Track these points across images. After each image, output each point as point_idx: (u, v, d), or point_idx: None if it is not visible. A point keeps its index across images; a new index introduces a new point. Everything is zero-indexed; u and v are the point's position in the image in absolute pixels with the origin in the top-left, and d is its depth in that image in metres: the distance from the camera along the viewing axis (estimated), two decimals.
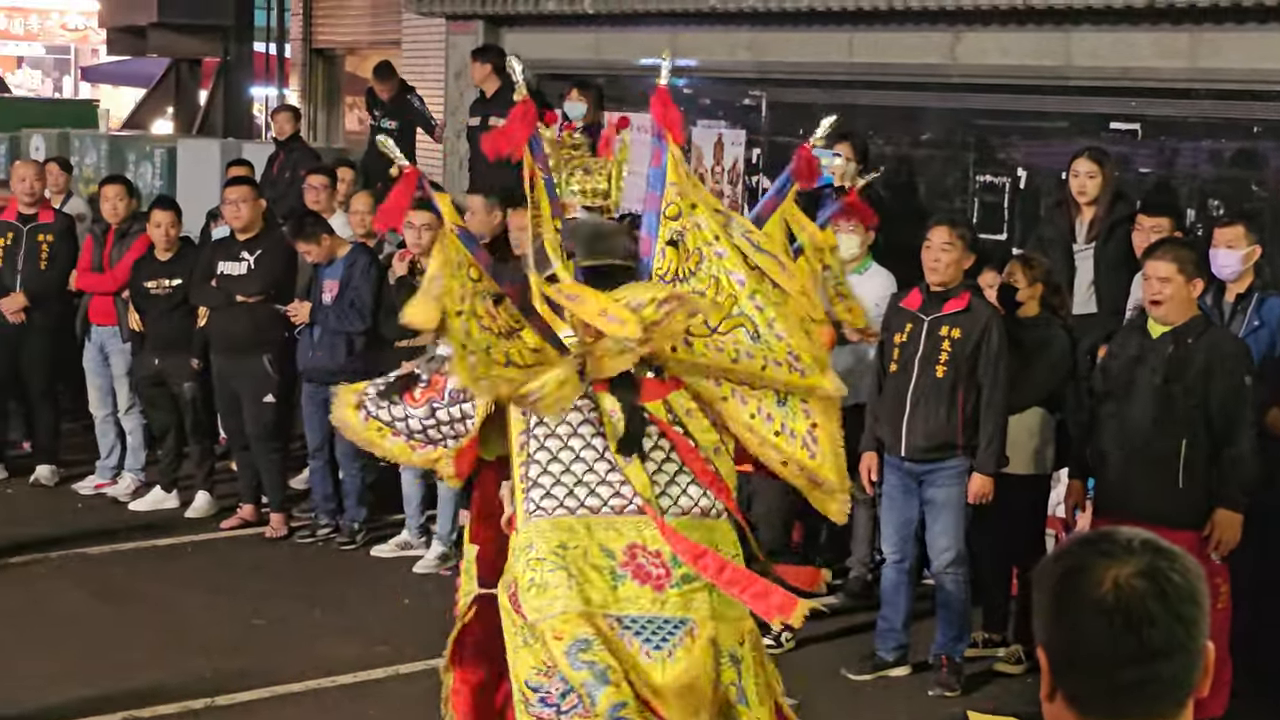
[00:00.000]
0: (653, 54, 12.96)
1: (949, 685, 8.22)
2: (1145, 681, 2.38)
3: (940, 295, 8.16)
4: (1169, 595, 2.36)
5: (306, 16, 20.96)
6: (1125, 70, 10.05)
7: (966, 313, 8.08)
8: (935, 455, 8.16)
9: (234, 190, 10.81)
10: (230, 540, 10.74)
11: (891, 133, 11.66)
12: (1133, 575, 2.36)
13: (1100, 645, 2.37)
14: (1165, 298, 7.40)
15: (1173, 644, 2.37)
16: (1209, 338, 7.43)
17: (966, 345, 8.07)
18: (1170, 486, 7.35)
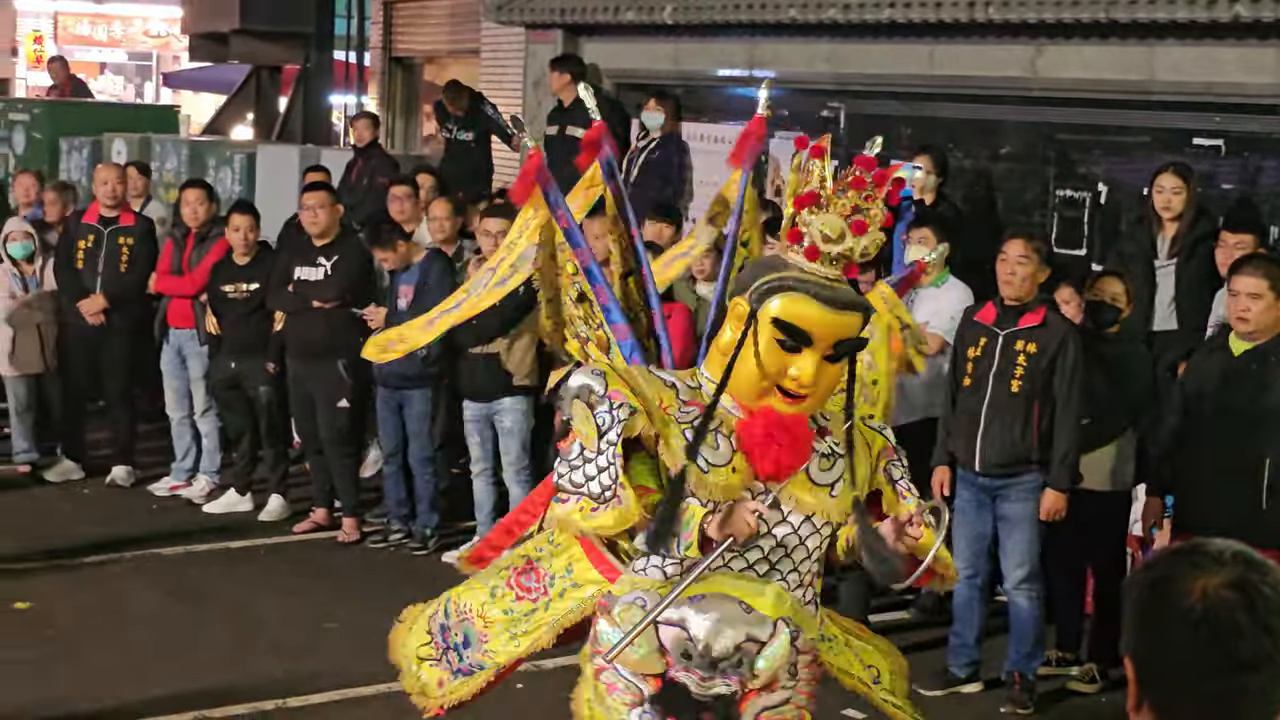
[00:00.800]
0: (731, 65, 12.98)
1: (1021, 703, 8.15)
2: (1231, 694, 2.34)
3: (1016, 310, 8.10)
4: (1258, 607, 2.33)
5: (386, 25, 21.04)
6: (1209, 85, 9.96)
7: (1042, 327, 8.02)
8: (1009, 470, 8.11)
9: (312, 196, 10.86)
10: (303, 544, 10.78)
11: (971, 146, 11.59)
12: (1221, 586, 2.33)
13: (1186, 656, 2.34)
14: (1253, 314, 7.31)
15: (1260, 656, 2.32)
16: None
17: (1042, 360, 8.00)
18: (1254, 505, 7.28)
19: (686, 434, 4.47)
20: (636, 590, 4.64)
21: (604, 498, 4.40)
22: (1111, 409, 8.34)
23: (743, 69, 13.00)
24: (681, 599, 4.51)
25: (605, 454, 4.40)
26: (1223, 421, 7.39)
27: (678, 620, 4.57)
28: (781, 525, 4.58)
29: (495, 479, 10.34)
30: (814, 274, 4.39)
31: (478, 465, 10.35)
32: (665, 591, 4.51)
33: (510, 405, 10.07)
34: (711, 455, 4.46)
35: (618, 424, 4.41)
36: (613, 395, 4.45)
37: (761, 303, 4.39)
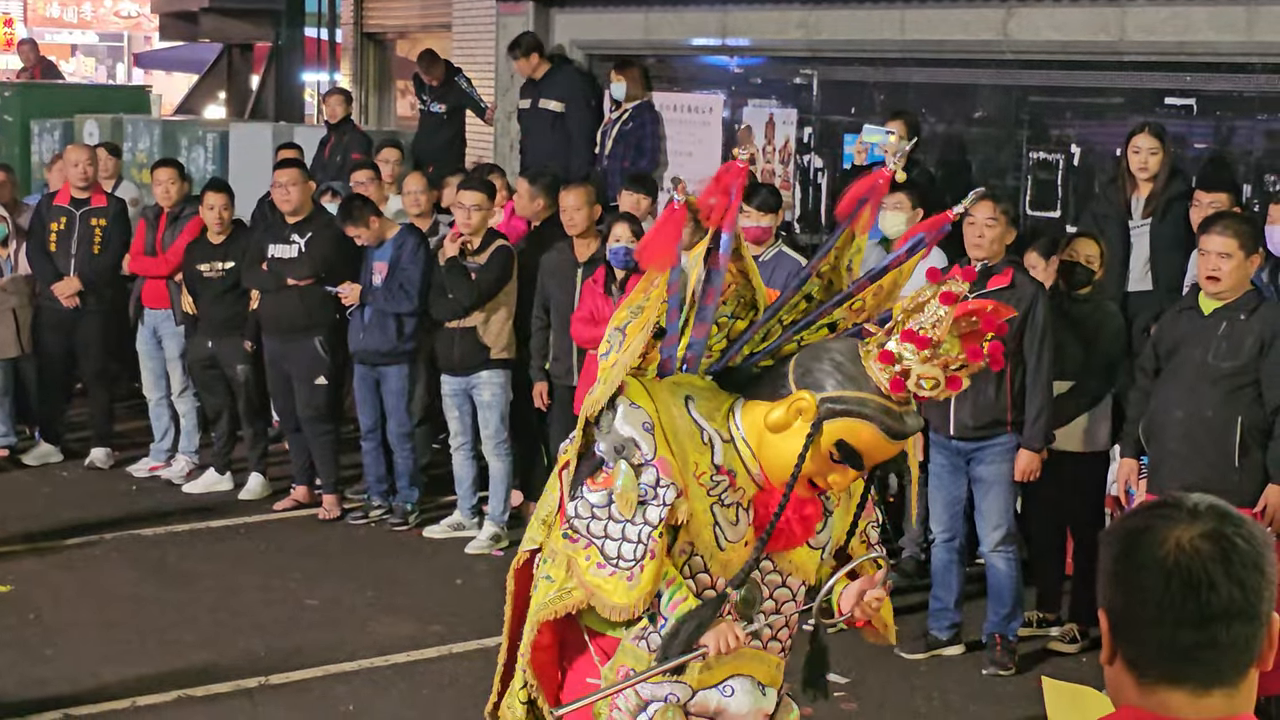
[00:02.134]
0: (704, 34, 12.95)
1: (1003, 664, 8.18)
2: (1203, 645, 2.34)
3: (983, 272, 8.08)
4: (1232, 560, 2.32)
5: (358, 1, 20.97)
6: (1181, 45, 9.94)
7: (1010, 289, 8.00)
8: (983, 433, 8.12)
9: (283, 173, 10.82)
10: (283, 522, 10.77)
11: (944, 110, 11.58)
12: (1196, 538, 2.33)
13: (1159, 607, 2.34)
14: (1224, 273, 7.31)
15: (1232, 609, 2.32)
16: (1262, 313, 7.34)
17: (1012, 322, 7.98)
18: (1227, 464, 7.29)
19: (715, 510, 4.39)
20: (665, 681, 4.52)
21: (619, 566, 4.27)
22: (1086, 370, 8.36)
23: (715, 38, 12.98)
24: (711, 686, 4.50)
25: (640, 530, 4.24)
26: (1194, 381, 7.39)
27: (715, 711, 4.53)
28: (781, 590, 4.56)
29: (475, 453, 10.34)
30: (889, 401, 4.25)
31: (457, 439, 10.35)
32: (640, 667, 4.47)
33: (488, 379, 10.06)
34: (729, 531, 4.41)
35: (662, 506, 4.25)
36: (660, 466, 4.26)
37: (830, 419, 4.23)
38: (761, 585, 4.48)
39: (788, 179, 12.43)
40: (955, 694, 8.00)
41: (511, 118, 14.24)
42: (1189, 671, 2.36)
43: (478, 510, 10.42)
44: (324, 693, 7.81)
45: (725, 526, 4.38)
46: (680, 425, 4.37)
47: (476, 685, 7.88)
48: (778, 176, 12.40)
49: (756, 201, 9.21)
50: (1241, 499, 7.23)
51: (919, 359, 4.17)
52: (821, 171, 12.29)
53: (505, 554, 10.06)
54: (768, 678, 4.60)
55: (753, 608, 4.48)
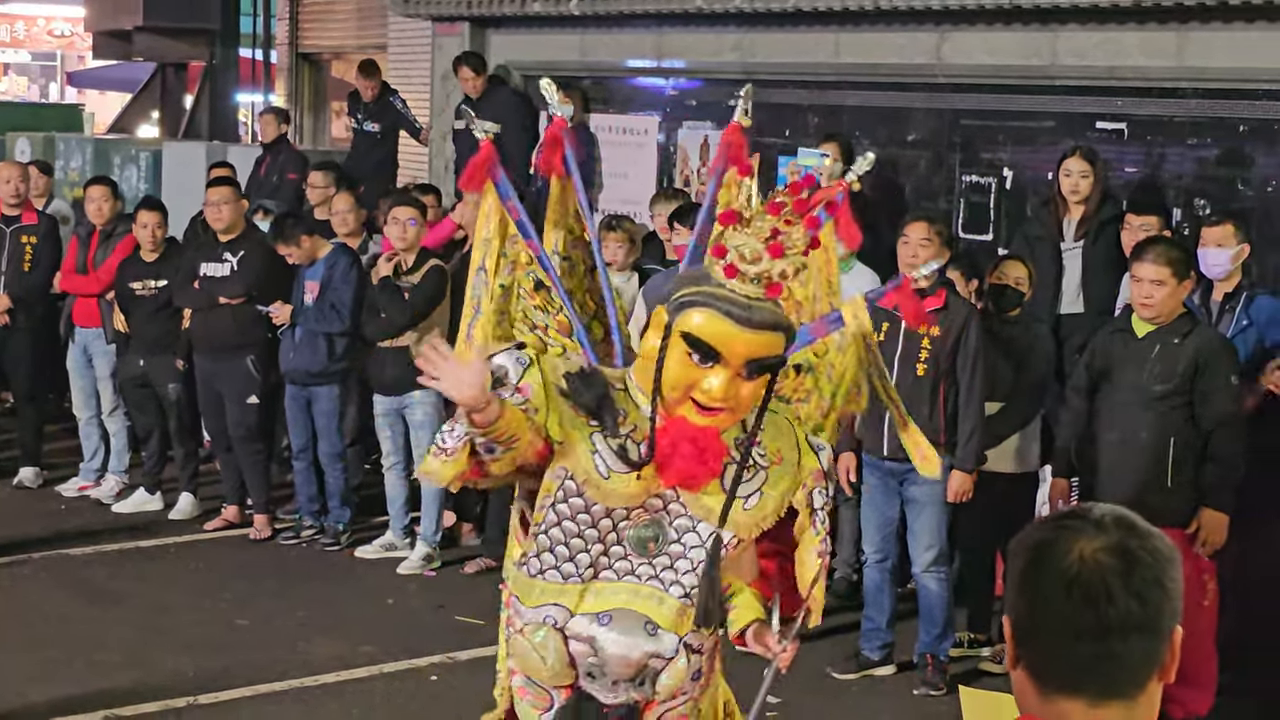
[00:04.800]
0: (639, 55, 12.98)
1: (934, 684, 8.20)
2: (1102, 658, 2.35)
3: (919, 293, 8.10)
4: (1133, 573, 2.34)
5: (293, 21, 20.92)
6: (1112, 70, 10.03)
7: (944, 310, 8.05)
8: None
9: (215, 191, 10.76)
10: (214, 542, 10.68)
11: (877, 133, 11.63)
12: (1099, 550, 2.35)
13: (1059, 617, 2.36)
14: (1156, 301, 7.37)
15: (1129, 623, 2.34)
16: (1196, 337, 7.40)
17: (945, 343, 8.04)
18: (1159, 485, 7.34)
19: (595, 439, 4.41)
20: (545, 604, 4.55)
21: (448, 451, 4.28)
22: (1016, 391, 8.40)
23: (650, 59, 13.00)
24: (591, 614, 4.49)
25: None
26: (1127, 402, 7.44)
27: (586, 638, 4.52)
28: (690, 535, 4.54)
29: (407, 473, 10.29)
30: (733, 291, 4.34)
31: (389, 459, 10.30)
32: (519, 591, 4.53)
33: (421, 399, 10.02)
34: (612, 460, 4.41)
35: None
36: (523, 388, 4.32)
37: (676, 315, 4.34)
38: (669, 527, 4.46)
39: None
40: (887, 714, 8.01)
41: (446, 138, 14.22)
42: (1086, 682, 2.37)
43: (410, 531, 10.37)
44: (253, 713, 7.75)
45: (607, 455, 4.35)
46: (560, 364, 4.44)
47: (407, 705, 7.87)
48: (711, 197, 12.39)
49: (690, 222, 9.21)
50: (1173, 520, 7.28)
51: (737, 235, 4.27)
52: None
53: (437, 574, 10.02)
54: (666, 621, 4.54)
55: (646, 546, 4.45)
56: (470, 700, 7.73)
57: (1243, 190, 9.73)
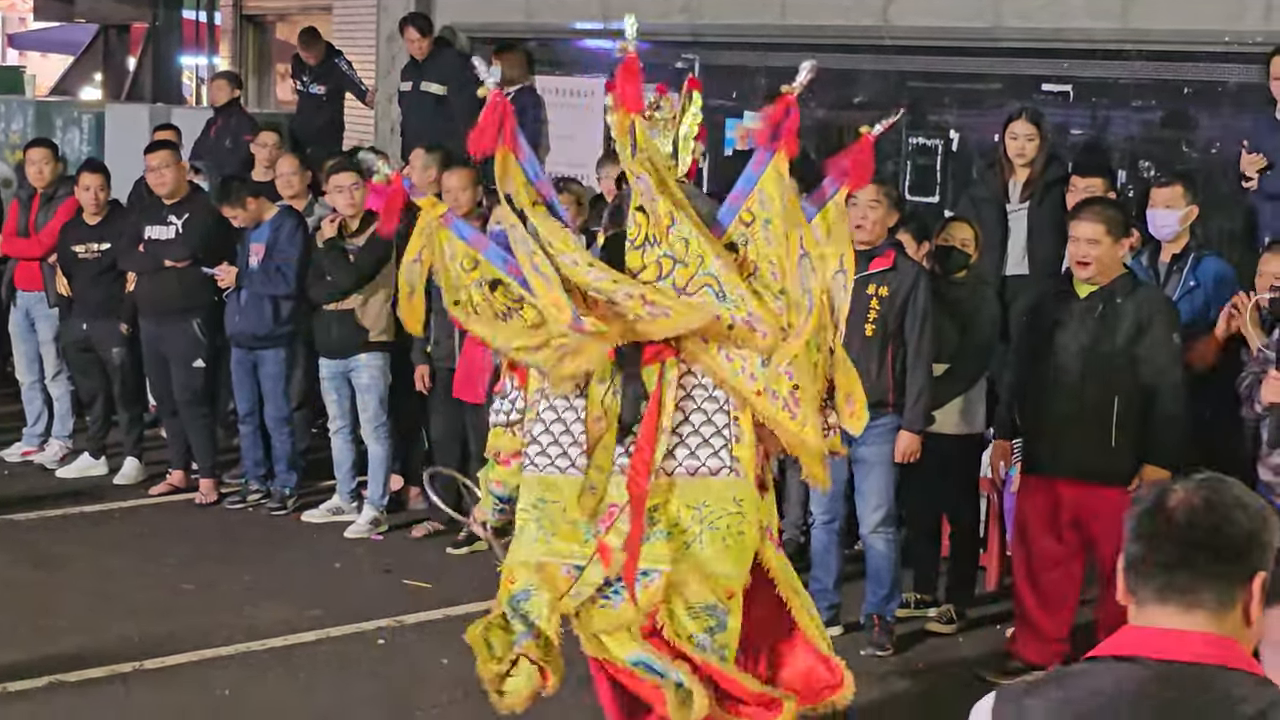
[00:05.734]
0: (585, 17, 12.91)
1: (880, 645, 8.22)
2: (1186, 572, 2.76)
3: (866, 254, 8.10)
4: (1220, 508, 2.77)
5: None
6: (1057, 31, 10.05)
7: (893, 270, 8.05)
8: None
9: (154, 156, 10.66)
10: (159, 506, 10.63)
11: (824, 95, 11.62)
12: (1198, 488, 2.80)
13: (1153, 539, 2.80)
14: (1093, 258, 7.40)
15: (1215, 543, 2.75)
16: (1137, 296, 7.43)
17: (894, 303, 8.03)
18: (1103, 444, 7.37)
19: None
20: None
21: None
22: (962, 353, 8.41)
23: (597, 21, 12.95)
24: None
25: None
26: (1070, 363, 7.46)
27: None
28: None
29: (354, 437, 10.26)
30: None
31: (335, 423, 10.26)
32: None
33: (367, 361, 9.98)
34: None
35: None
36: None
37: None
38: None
39: None
40: None
41: (392, 100, 14.14)
42: (1172, 594, 2.77)
43: (357, 495, 10.34)
44: (199, 677, 7.71)
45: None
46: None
47: (354, 668, 7.85)
48: None
49: None
50: (1117, 479, 7.32)
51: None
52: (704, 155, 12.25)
53: (384, 538, 10.00)
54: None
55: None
56: (418, 663, 7.76)
57: (1187, 152, 9.79)
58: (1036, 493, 7.66)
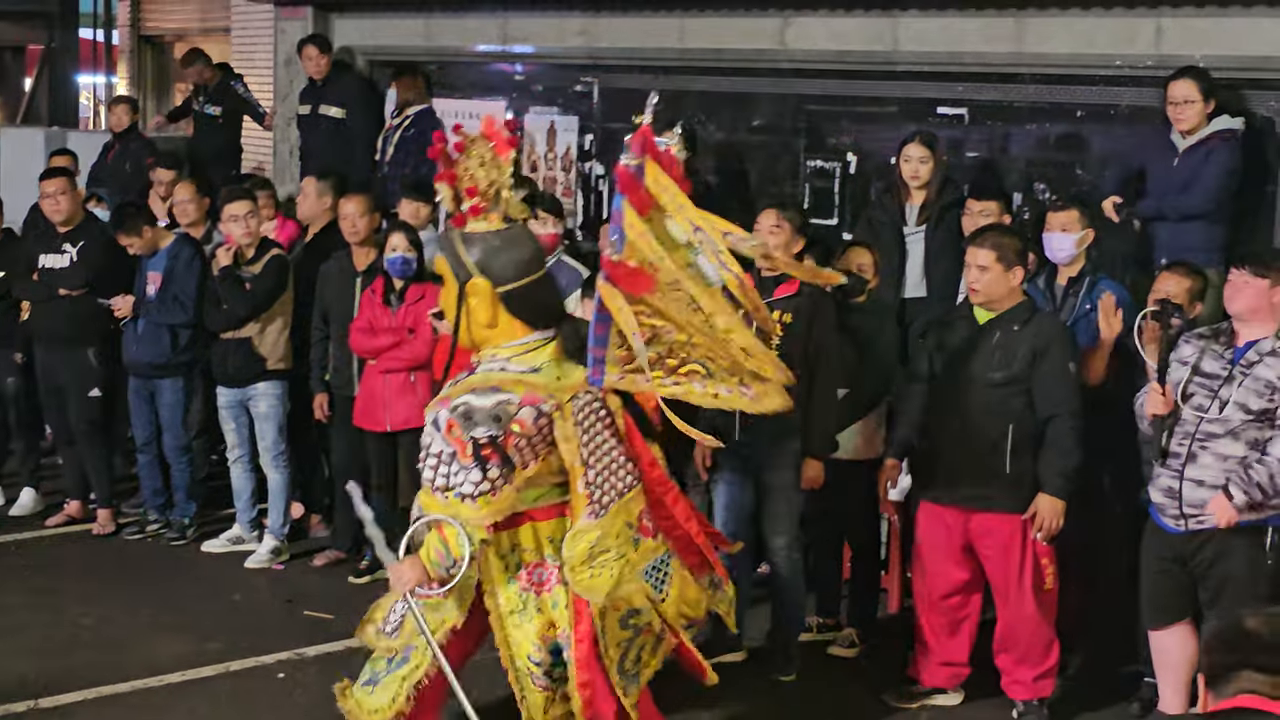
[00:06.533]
0: (485, 40, 12.90)
1: (783, 669, 8.23)
2: None
3: (772, 280, 8.13)
4: None
5: (134, 3, 20.57)
6: (953, 55, 10.12)
7: (797, 297, 8.07)
8: (770, 440, 8.14)
9: (50, 183, 10.54)
10: (56, 538, 10.51)
11: (723, 118, 11.66)
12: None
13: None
14: (982, 286, 7.46)
15: None
16: (1034, 324, 7.46)
17: (799, 329, 8.05)
18: (998, 472, 7.40)
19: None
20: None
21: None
22: (862, 378, 8.44)
23: (496, 44, 12.93)
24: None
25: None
26: (967, 388, 7.48)
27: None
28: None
29: (253, 465, 10.18)
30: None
31: (234, 452, 10.18)
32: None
33: (265, 390, 9.92)
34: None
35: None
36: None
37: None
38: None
39: (570, 186, 12.43)
40: (736, 699, 8.02)
41: (291, 124, 14.06)
42: None
43: (257, 524, 10.26)
44: (96, 715, 7.62)
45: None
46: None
47: (255, 702, 7.78)
48: (560, 184, 12.39)
49: (545, 206, 9.21)
50: (1012, 507, 7.37)
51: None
52: (603, 179, 12.31)
53: (285, 567, 9.93)
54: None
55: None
56: (319, 697, 7.69)
57: (1081, 174, 9.87)
58: (933, 518, 7.70)
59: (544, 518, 5.71)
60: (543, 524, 5.71)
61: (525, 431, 5.44)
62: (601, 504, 5.53)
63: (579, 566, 5.53)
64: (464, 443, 5.41)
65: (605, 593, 5.54)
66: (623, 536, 5.57)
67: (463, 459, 5.43)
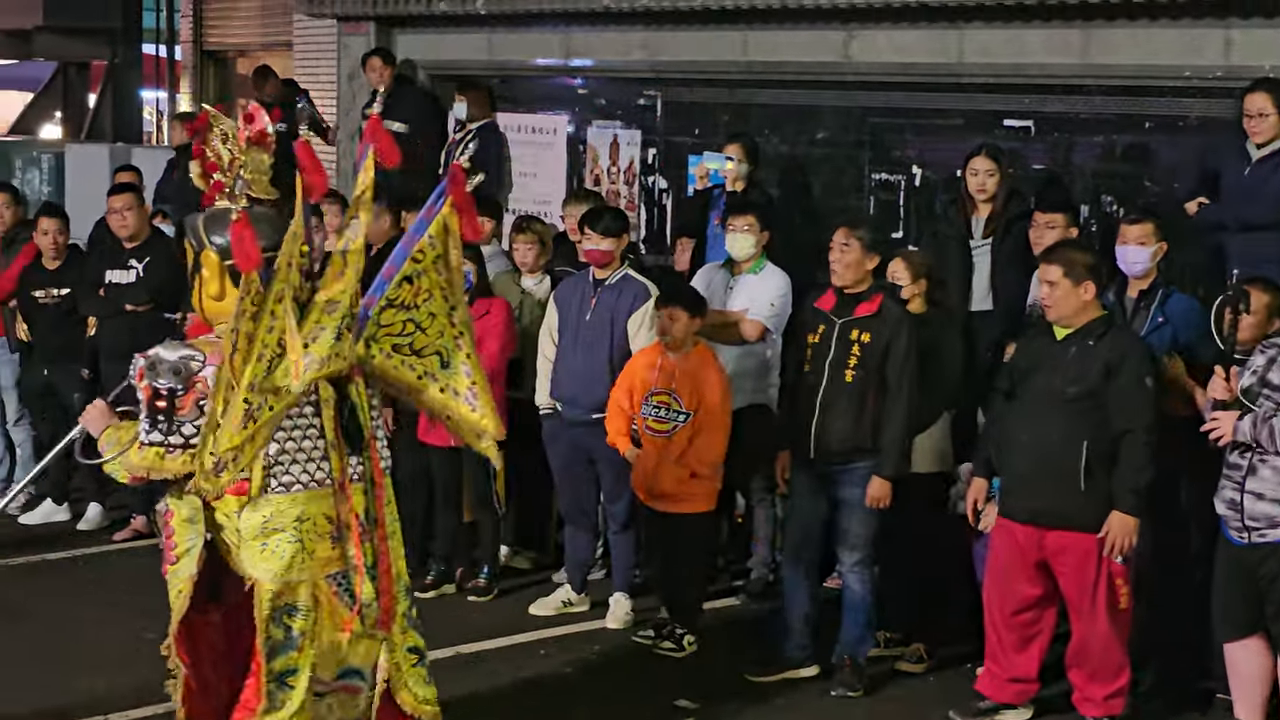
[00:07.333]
0: (547, 54, 12.93)
1: (851, 685, 8.20)
2: None
3: (853, 298, 8.12)
4: None
5: (197, 18, 20.71)
6: (1018, 67, 10.08)
7: (876, 317, 8.05)
8: (845, 458, 8.12)
9: (118, 199, 10.62)
10: (123, 552, 10.55)
11: (786, 132, 11.65)
12: None
13: None
14: (1053, 301, 7.40)
15: None
16: (1110, 340, 7.38)
17: (876, 350, 8.03)
18: (1072, 488, 7.31)
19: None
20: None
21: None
22: (925, 390, 8.39)
23: (558, 58, 12.95)
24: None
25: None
26: (1042, 404, 7.43)
27: None
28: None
29: None
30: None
31: None
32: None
33: None
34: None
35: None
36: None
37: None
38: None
39: (633, 200, 12.43)
40: (805, 716, 8.01)
41: (353, 139, 14.11)
42: None
43: None
44: None
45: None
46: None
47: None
48: (623, 198, 12.40)
49: (600, 226, 9.19)
50: (1085, 524, 7.30)
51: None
52: (666, 193, 12.32)
53: None
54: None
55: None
56: None
57: (1149, 186, 9.82)
58: (1008, 533, 7.63)
59: (232, 492, 5.67)
60: (227, 497, 5.69)
61: (207, 392, 5.46)
62: (281, 482, 5.59)
63: (251, 540, 5.62)
64: (148, 390, 5.49)
65: (276, 573, 5.61)
66: (306, 526, 5.62)
67: (143, 407, 5.53)
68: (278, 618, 5.67)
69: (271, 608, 5.66)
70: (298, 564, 5.61)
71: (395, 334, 5.80)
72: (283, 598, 5.65)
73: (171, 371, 5.45)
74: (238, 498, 5.63)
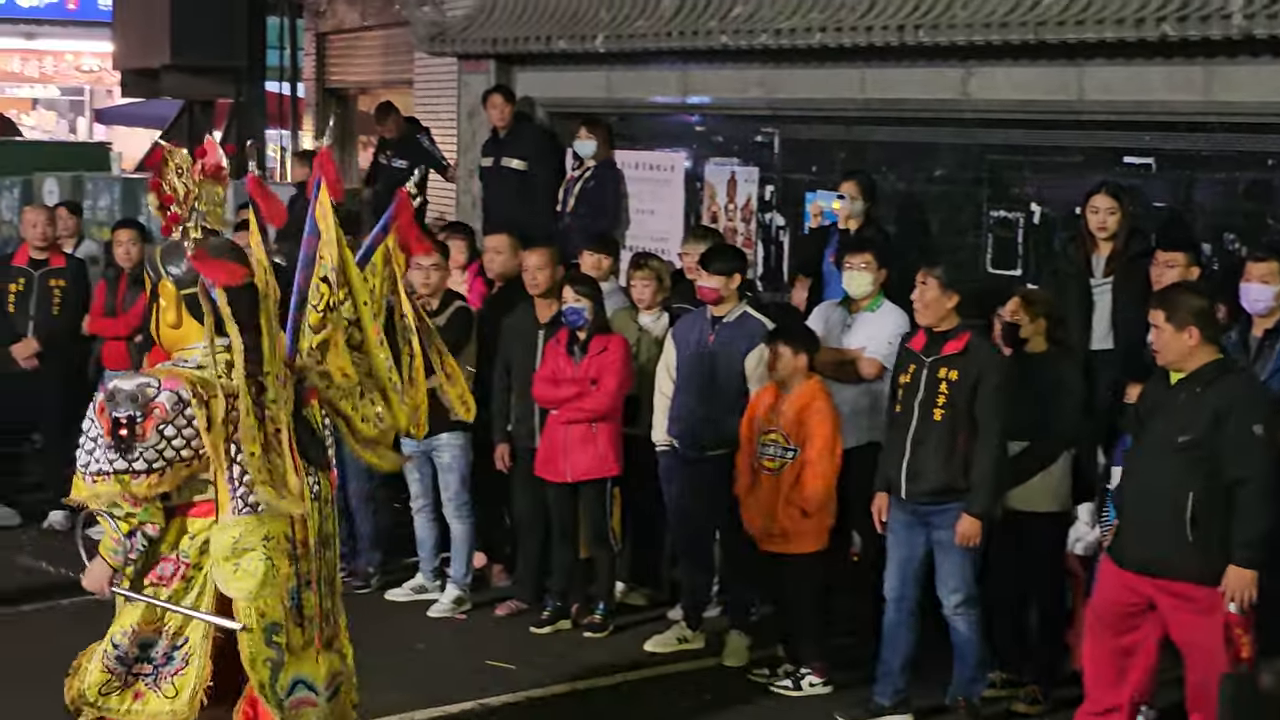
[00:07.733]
0: (665, 92, 12.98)
1: None
2: None
3: (940, 336, 8.11)
4: None
5: (320, 56, 20.99)
6: (1139, 104, 9.99)
7: (963, 355, 8.03)
8: (936, 498, 8.09)
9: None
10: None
11: (904, 169, 11.61)
12: None
13: None
14: (1159, 346, 7.25)
15: None
16: (1219, 385, 7.14)
17: (964, 387, 8.00)
18: (1179, 538, 7.07)
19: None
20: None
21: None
22: (1041, 430, 8.32)
23: (676, 96, 13.00)
24: None
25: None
26: (1151, 450, 7.26)
27: None
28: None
29: (436, 515, 10.28)
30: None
31: (418, 502, 10.29)
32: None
33: (448, 441, 9.99)
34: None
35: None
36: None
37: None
38: None
39: (750, 237, 12.44)
40: None
41: (473, 175, 14.23)
42: None
43: (440, 573, 10.35)
44: None
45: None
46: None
47: None
48: (740, 235, 12.41)
49: (712, 265, 9.22)
50: (1194, 576, 7.08)
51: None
52: (784, 230, 12.31)
53: (468, 617, 10.01)
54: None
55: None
56: None
57: (1272, 224, 9.69)
58: (1113, 577, 7.45)
59: (196, 514, 5.74)
60: (192, 519, 5.74)
61: (165, 417, 5.47)
62: (246, 502, 5.59)
63: (223, 561, 5.62)
64: (108, 422, 5.50)
65: (251, 592, 5.62)
66: (272, 545, 5.65)
67: (106, 438, 5.51)
68: (268, 640, 5.73)
69: (261, 630, 5.71)
70: (270, 581, 5.66)
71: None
72: (266, 617, 5.70)
73: (129, 399, 5.48)
74: (203, 519, 5.72)
